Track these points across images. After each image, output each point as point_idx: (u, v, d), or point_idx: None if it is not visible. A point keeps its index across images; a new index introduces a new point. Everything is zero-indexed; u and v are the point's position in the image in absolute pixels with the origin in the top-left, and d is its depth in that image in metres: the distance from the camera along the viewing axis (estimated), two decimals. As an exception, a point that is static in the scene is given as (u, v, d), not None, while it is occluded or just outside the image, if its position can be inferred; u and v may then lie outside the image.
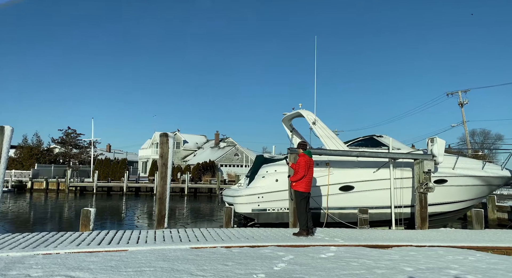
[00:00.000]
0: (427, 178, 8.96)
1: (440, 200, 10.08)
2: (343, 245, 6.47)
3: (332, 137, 10.29)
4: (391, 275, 4.45)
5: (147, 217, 19.16)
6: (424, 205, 8.92)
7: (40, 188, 37.53)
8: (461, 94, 31.08)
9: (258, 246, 6.12)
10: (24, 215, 19.23)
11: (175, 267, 4.56)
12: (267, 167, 10.58)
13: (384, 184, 9.90)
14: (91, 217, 7.34)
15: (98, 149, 55.37)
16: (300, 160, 7.41)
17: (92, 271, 4.30)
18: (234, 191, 11.16)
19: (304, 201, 7.39)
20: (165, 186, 8.15)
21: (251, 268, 4.63)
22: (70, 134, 48.46)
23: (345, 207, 9.92)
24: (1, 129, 7.24)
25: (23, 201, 27.05)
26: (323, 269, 4.65)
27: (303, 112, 10.73)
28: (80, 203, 25.44)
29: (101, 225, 15.49)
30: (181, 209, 24.04)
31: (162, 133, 8.33)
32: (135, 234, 7.00)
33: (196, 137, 63.35)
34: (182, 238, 6.62)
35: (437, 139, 9.28)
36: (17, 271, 4.25)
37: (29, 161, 43.27)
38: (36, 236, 6.56)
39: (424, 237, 7.50)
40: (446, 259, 5.52)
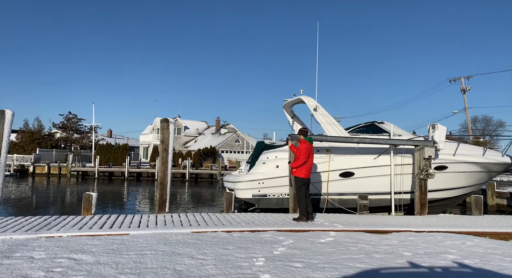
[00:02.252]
0: (427, 164, 8.97)
1: (440, 187, 10.13)
2: (342, 230, 6.53)
3: (333, 124, 10.26)
4: (389, 259, 4.51)
5: (149, 202, 19.33)
6: (424, 191, 8.97)
7: (42, 172, 37.79)
8: (463, 81, 30.81)
9: (258, 231, 6.19)
10: (27, 199, 19.41)
11: (176, 251, 4.62)
12: (268, 153, 10.59)
13: (384, 171, 9.92)
14: (92, 201, 7.40)
15: (99, 134, 55.49)
16: (301, 147, 7.41)
17: (94, 254, 4.36)
18: (234, 177, 11.22)
19: (304, 187, 7.42)
20: (166, 171, 8.19)
21: (251, 252, 4.69)
22: (71, 119, 48.41)
23: (345, 193, 9.98)
24: (2, 113, 7.22)
25: (25, 185, 27.27)
26: (322, 254, 4.71)
27: (305, 98, 10.67)
28: (82, 188, 25.65)
29: (103, 209, 15.64)
30: (182, 194, 24.23)
31: (162, 119, 8.31)
32: (136, 218, 7.07)
33: (197, 123, 63.28)
34: (183, 223, 6.68)
35: (439, 126, 9.25)
36: (20, 253, 4.31)
37: (31, 145, 43.44)
38: (39, 219, 6.63)
39: (423, 223, 7.56)
40: (445, 244, 5.58)
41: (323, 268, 3.99)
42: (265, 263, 4.14)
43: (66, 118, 48.42)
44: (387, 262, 4.38)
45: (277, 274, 3.71)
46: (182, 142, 57.44)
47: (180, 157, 42.89)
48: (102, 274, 3.57)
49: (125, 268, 3.79)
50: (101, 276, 3.51)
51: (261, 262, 4.18)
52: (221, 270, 3.82)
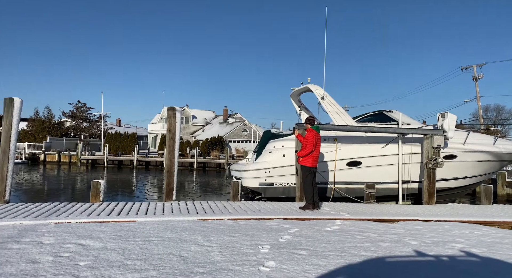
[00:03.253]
0: (436, 153, 8.85)
1: (449, 176, 10.01)
2: (348, 218, 6.51)
3: (340, 113, 10.15)
4: (395, 248, 4.49)
5: (157, 190, 19.54)
6: (432, 180, 8.87)
7: (52, 160, 38.40)
8: (475, 69, 30.16)
9: (264, 219, 6.21)
10: (38, 186, 19.78)
11: (182, 238, 4.66)
12: (275, 142, 10.56)
13: (392, 160, 9.83)
14: (101, 188, 7.48)
15: (108, 123, 55.90)
16: (308, 136, 7.35)
17: (102, 240, 4.42)
18: (241, 165, 11.23)
19: (311, 176, 7.40)
20: (173, 160, 8.22)
21: (257, 239, 4.71)
22: (80, 108, 48.80)
23: (352, 182, 9.93)
24: (11, 101, 7.29)
25: (36, 173, 27.76)
26: (327, 242, 4.71)
27: (312, 87, 10.55)
28: (91, 176, 26.02)
29: (112, 197, 15.87)
30: (190, 183, 24.43)
31: (169, 107, 8.31)
32: (144, 205, 7.14)
33: (204, 112, 63.32)
34: (190, 210, 6.73)
35: (448, 114, 9.09)
36: (30, 238, 4.39)
37: (41, 134, 44.06)
38: (49, 206, 6.74)
39: (431, 212, 7.50)
40: (452, 233, 5.53)
41: (328, 256, 3.99)
42: (270, 250, 4.15)
43: (76, 107, 48.82)
44: (393, 250, 4.37)
45: (282, 261, 3.72)
46: (190, 132, 57.65)
47: (188, 146, 43.11)
48: (109, 260, 3.62)
49: (131, 254, 3.84)
50: (108, 262, 3.56)
51: (266, 250, 4.19)
52: (227, 257, 3.84)
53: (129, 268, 3.37)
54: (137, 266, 3.44)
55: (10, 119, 7.23)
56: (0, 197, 7.05)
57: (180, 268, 3.42)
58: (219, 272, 3.34)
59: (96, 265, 3.45)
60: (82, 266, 3.39)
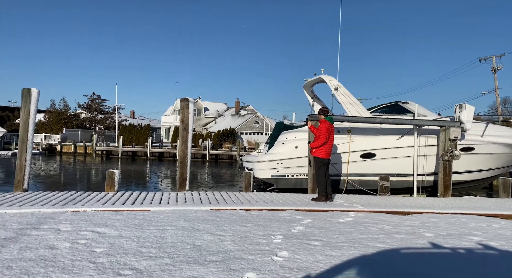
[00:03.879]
0: (452, 145, 8.67)
1: (466, 168, 9.80)
2: (362, 210, 6.45)
3: (355, 104, 10.01)
4: (410, 240, 4.43)
5: (170, 181, 19.78)
6: (448, 173, 8.71)
7: (68, 151, 39.23)
8: (495, 59, 29.27)
9: (277, 210, 6.21)
10: (55, 175, 20.25)
11: (195, 227, 4.70)
12: (287, 133, 10.50)
13: (407, 152, 9.67)
14: (115, 178, 7.60)
15: (122, 115, 56.65)
16: (321, 127, 7.28)
17: (117, 228, 4.50)
18: (253, 157, 11.23)
19: (324, 168, 7.34)
20: (186, 150, 8.27)
21: (269, 229, 4.71)
22: (95, 100, 49.57)
23: (365, 174, 9.83)
24: (28, 91, 7.43)
25: (53, 163, 28.41)
26: (341, 233, 4.68)
27: (325, 77, 10.41)
28: (106, 166, 26.48)
29: (126, 187, 16.13)
30: (202, 174, 24.63)
31: (182, 98, 8.33)
32: (157, 195, 7.23)
33: (217, 104, 63.45)
34: (202, 200, 6.78)
35: (466, 105, 8.86)
36: (48, 225, 4.50)
37: (58, 125, 44.97)
38: (65, 194, 6.89)
39: (447, 205, 7.38)
40: (469, 226, 5.43)
41: (341, 247, 3.97)
42: (283, 241, 4.15)
43: (90, 99, 49.62)
44: (407, 242, 4.31)
45: (295, 252, 3.72)
46: (202, 123, 57.94)
47: (201, 138, 43.38)
48: (124, 247, 3.68)
49: (146, 242, 3.89)
50: (123, 249, 3.61)
51: (279, 240, 4.19)
52: (239, 246, 3.86)
53: (144, 256, 3.42)
54: (152, 254, 3.48)
55: (27, 109, 7.37)
56: (19, 185, 7.23)
57: (193, 256, 3.45)
58: (232, 260, 3.36)
59: (112, 252, 3.50)
60: (98, 253, 3.45)
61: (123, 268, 3.06)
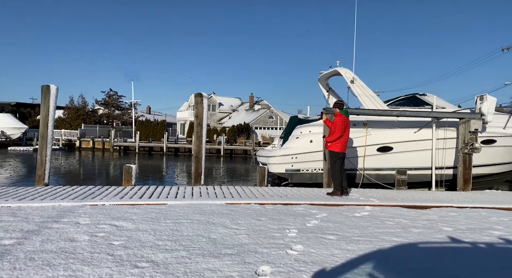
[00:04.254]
0: (473, 138, 8.43)
1: (487, 161, 9.53)
2: (378, 205, 6.37)
3: (371, 96, 9.84)
4: (428, 234, 4.34)
5: (186, 175, 20.00)
6: (468, 166, 8.49)
7: (87, 147, 40.14)
8: (518, 49, 28.24)
9: (291, 204, 6.19)
10: (74, 170, 20.77)
11: (211, 220, 4.74)
12: (302, 127, 10.43)
13: (425, 145, 9.47)
14: (132, 173, 7.72)
15: (139, 111, 57.47)
16: (336, 120, 7.19)
17: (134, 221, 4.57)
18: (268, 151, 11.22)
19: (339, 162, 7.27)
20: (200, 145, 8.33)
21: (284, 223, 4.71)
22: (112, 96, 50.39)
23: (382, 168, 9.68)
24: (47, 88, 7.60)
25: (73, 158, 29.13)
26: (357, 227, 4.63)
27: (341, 70, 10.26)
28: (123, 161, 26.98)
29: (143, 181, 16.41)
30: (217, 169, 24.80)
31: (196, 94, 8.36)
32: (173, 189, 7.32)
33: (231, 99, 63.56)
34: (217, 194, 6.83)
35: (487, 97, 8.58)
36: (68, 218, 4.62)
37: (76, 121, 46.03)
38: (84, 189, 7.05)
39: (466, 199, 7.20)
40: (490, 220, 5.28)
41: (357, 241, 3.93)
42: (297, 235, 4.14)
43: (108, 95, 50.46)
44: (425, 236, 4.23)
45: (310, 245, 3.70)
46: (216, 119, 58.21)
47: (215, 133, 43.62)
48: (141, 240, 3.74)
49: (162, 235, 3.95)
50: (140, 242, 3.67)
51: (294, 234, 4.18)
52: (254, 240, 3.87)
53: (160, 248, 3.47)
54: (168, 247, 3.53)
55: (47, 106, 7.55)
56: (40, 180, 7.44)
57: (209, 249, 3.48)
58: (247, 254, 3.37)
59: (129, 245, 3.57)
60: (116, 246, 3.52)
61: (140, 261, 3.11)
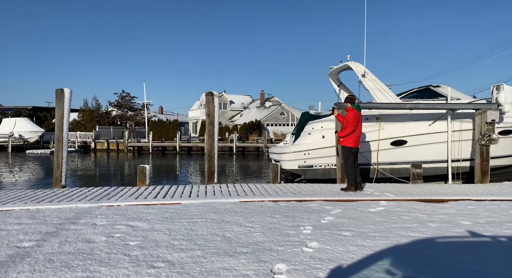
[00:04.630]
0: (490, 129, 8.22)
1: (505, 153, 9.28)
2: (394, 199, 6.28)
3: (383, 90, 9.69)
4: (446, 228, 4.26)
5: (199, 174, 20.13)
6: (486, 158, 8.29)
7: (102, 148, 40.79)
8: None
9: (305, 201, 6.16)
10: (90, 172, 21.15)
11: (225, 219, 4.75)
12: (313, 123, 10.35)
13: (440, 137, 9.28)
14: (147, 173, 7.81)
15: (151, 111, 58.04)
16: (348, 115, 7.11)
17: (149, 221, 4.62)
18: (280, 148, 11.18)
19: (353, 157, 7.19)
20: (213, 144, 8.36)
21: (298, 220, 4.68)
22: (124, 97, 51.01)
23: (396, 162, 9.54)
24: (61, 91, 7.74)
25: (88, 160, 29.66)
26: (372, 223, 4.57)
27: (352, 64, 10.12)
28: (138, 162, 27.33)
29: (157, 181, 16.59)
30: (230, 166, 24.89)
31: (207, 92, 8.39)
32: (187, 188, 7.37)
33: (242, 97, 63.60)
34: (231, 193, 6.84)
35: (504, 86, 8.36)
36: (85, 219, 4.70)
37: (91, 123, 46.79)
38: (100, 190, 7.17)
39: (485, 191, 7.04)
40: (510, 213, 5.15)
41: (373, 237, 3.88)
42: (312, 231, 4.11)
43: (120, 97, 51.08)
44: (443, 231, 4.15)
45: (325, 242, 3.67)
46: (228, 117, 58.36)
47: (227, 131, 43.77)
48: (157, 240, 3.77)
49: (177, 235, 3.98)
50: (155, 242, 3.71)
51: (309, 231, 4.15)
52: (269, 238, 3.86)
53: (175, 248, 3.49)
54: (183, 246, 3.56)
55: (61, 109, 7.69)
56: (57, 182, 7.60)
57: (224, 248, 3.49)
58: (262, 252, 3.37)
59: (145, 245, 3.61)
60: (132, 246, 3.56)
61: (156, 261, 3.14)
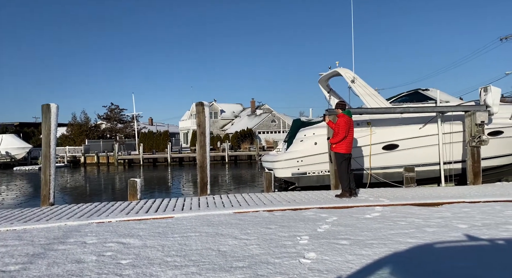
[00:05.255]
0: (480, 130, 8.30)
1: (495, 153, 9.38)
2: (389, 204, 6.25)
3: (373, 95, 9.74)
4: (443, 233, 4.22)
5: (192, 185, 19.91)
6: (477, 159, 8.34)
7: (92, 162, 40.15)
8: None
9: (300, 209, 6.08)
10: (80, 187, 20.75)
11: (219, 232, 4.64)
12: (305, 130, 10.34)
13: (431, 140, 9.34)
14: (137, 187, 7.65)
15: (141, 123, 57.62)
16: (339, 121, 7.10)
17: (141, 237, 4.49)
18: (273, 156, 11.12)
19: (346, 163, 7.16)
20: (205, 154, 8.25)
21: (294, 230, 4.60)
22: (113, 110, 50.57)
23: (389, 166, 9.55)
24: (48, 107, 7.58)
25: (78, 175, 29.15)
26: (369, 230, 4.51)
27: (341, 70, 10.18)
28: (129, 175, 26.95)
29: (149, 194, 16.34)
30: (223, 176, 24.71)
31: (197, 103, 8.31)
32: (180, 201, 7.23)
33: (232, 106, 63.65)
34: (225, 204, 6.73)
35: (492, 88, 8.47)
36: (74, 238, 4.54)
37: (80, 137, 46.12)
38: (90, 206, 6.98)
39: (478, 193, 7.06)
40: (505, 214, 5.15)
41: (371, 245, 3.81)
42: (309, 241, 4.03)
43: (109, 109, 50.64)
44: (441, 235, 4.11)
45: (323, 252, 3.59)
46: (219, 126, 58.24)
47: (219, 140, 43.59)
48: (149, 257, 3.65)
49: (171, 251, 3.85)
50: (148, 259, 3.58)
51: (305, 241, 4.07)
52: (265, 250, 3.76)
53: (169, 265, 3.37)
54: (177, 263, 3.44)
55: (48, 124, 7.52)
56: (45, 200, 7.39)
57: (219, 263, 3.39)
58: (259, 265, 3.27)
59: (138, 263, 3.48)
60: (124, 265, 3.43)
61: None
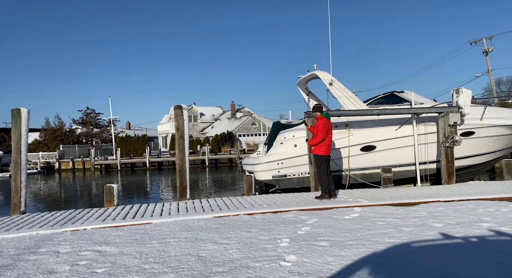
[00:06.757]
0: (453, 131, 8.57)
1: (468, 153, 9.71)
2: (367, 205, 6.34)
3: (350, 97, 9.90)
4: (419, 232, 4.31)
5: (171, 190, 19.60)
6: (451, 159, 8.61)
7: (67, 168, 38.92)
8: (485, 42, 29.28)
9: (281, 212, 6.08)
10: (54, 194, 20.04)
11: (199, 237, 4.57)
12: (285, 133, 10.38)
13: (407, 141, 9.57)
14: (114, 193, 7.45)
15: (118, 127, 56.44)
16: (318, 123, 7.16)
17: (118, 245, 4.35)
18: (253, 159, 11.10)
19: (325, 164, 7.22)
20: (184, 158, 8.13)
21: (275, 233, 4.59)
22: (89, 114, 49.32)
23: (367, 167, 9.72)
24: (18, 111, 7.28)
25: (52, 181, 28.17)
26: (348, 230, 4.56)
27: (319, 73, 10.30)
28: (106, 180, 26.28)
29: (127, 200, 15.96)
30: (203, 180, 24.47)
31: (176, 106, 8.19)
32: (158, 206, 7.09)
33: (212, 109, 63.30)
34: (205, 208, 6.64)
35: (463, 90, 8.77)
36: (46, 248, 4.35)
37: (54, 142, 44.60)
38: (64, 213, 6.74)
39: (452, 192, 7.27)
40: (477, 212, 5.32)
41: (350, 246, 3.84)
42: (289, 244, 4.02)
43: (85, 114, 49.38)
44: (417, 235, 4.19)
45: (303, 255, 3.59)
46: (199, 129, 57.77)
47: (199, 144, 43.22)
48: (126, 265, 3.54)
49: (148, 258, 3.76)
50: (125, 267, 3.48)
51: (286, 243, 4.06)
52: (245, 254, 3.73)
53: (147, 272, 3.28)
54: (155, 270, 3.35)
55: (18, 130, 7.22)
56: (15, 208, 7.07)
57: (199, 269, 3.32)
58: (239, 270, 3.23)
59: (114, 271, 3.37)
60: (100, 274, 3.32)
61: (125, 289, 2.92)
